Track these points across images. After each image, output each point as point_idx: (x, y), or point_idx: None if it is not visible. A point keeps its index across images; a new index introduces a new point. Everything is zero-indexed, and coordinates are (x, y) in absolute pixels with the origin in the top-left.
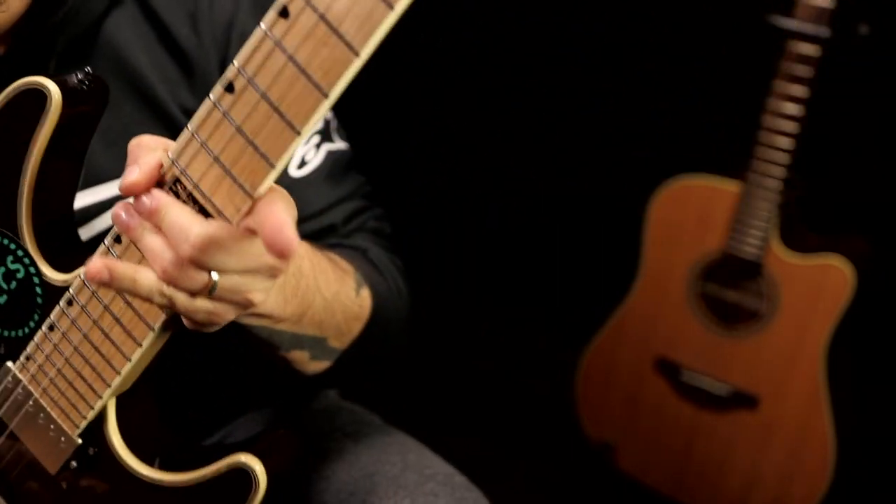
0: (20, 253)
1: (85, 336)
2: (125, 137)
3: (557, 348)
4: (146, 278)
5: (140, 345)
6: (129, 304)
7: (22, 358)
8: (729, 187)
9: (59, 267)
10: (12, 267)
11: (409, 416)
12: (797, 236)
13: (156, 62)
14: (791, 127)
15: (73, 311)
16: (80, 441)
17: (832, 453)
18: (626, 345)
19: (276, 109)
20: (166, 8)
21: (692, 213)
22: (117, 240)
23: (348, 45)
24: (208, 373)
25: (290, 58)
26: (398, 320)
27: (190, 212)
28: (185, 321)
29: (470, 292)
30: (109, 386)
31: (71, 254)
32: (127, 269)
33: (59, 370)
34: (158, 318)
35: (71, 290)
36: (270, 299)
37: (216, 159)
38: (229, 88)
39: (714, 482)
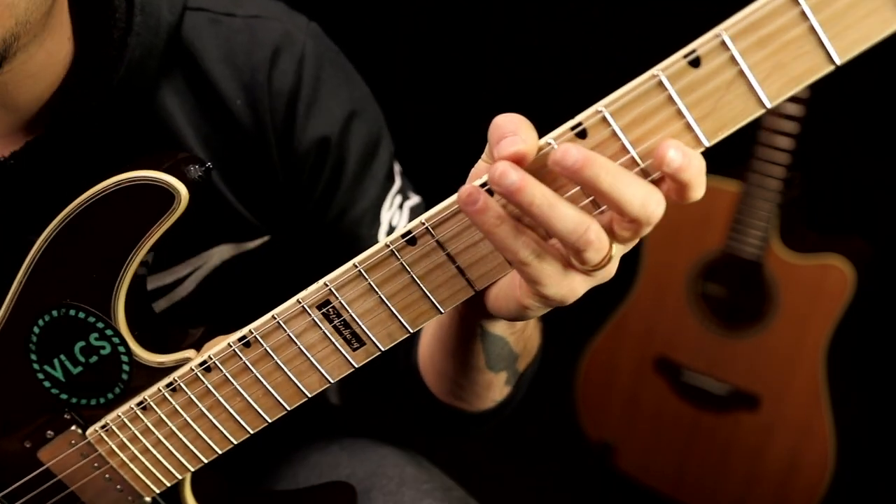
0: (109, 332)
1: (189, 422)
2: None
3: (557, 348)
4: (566, 215)
5: (250, 432)
6: (248, 401)
7: (99, 429)
8: (729, 187)
9: (149, 347)
10: (96, 343)
11: (409, 418)
12: (797, 236)
13: (202, 135)
14: (791, 127)
15: (179, 398)
16: (149, 500)
17: (832, 453)
18: (626, 345)
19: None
20: (220, 77)
21: (692, 213)
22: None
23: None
24: None
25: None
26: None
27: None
28: (528, 297)
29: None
30: (204, 463)
31: (160, 336)
32: (548, 196)
33: (147, 447)
34: (277, 413)
35: (177, 378)
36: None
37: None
38: (411, 241)
39: (714, 482)
